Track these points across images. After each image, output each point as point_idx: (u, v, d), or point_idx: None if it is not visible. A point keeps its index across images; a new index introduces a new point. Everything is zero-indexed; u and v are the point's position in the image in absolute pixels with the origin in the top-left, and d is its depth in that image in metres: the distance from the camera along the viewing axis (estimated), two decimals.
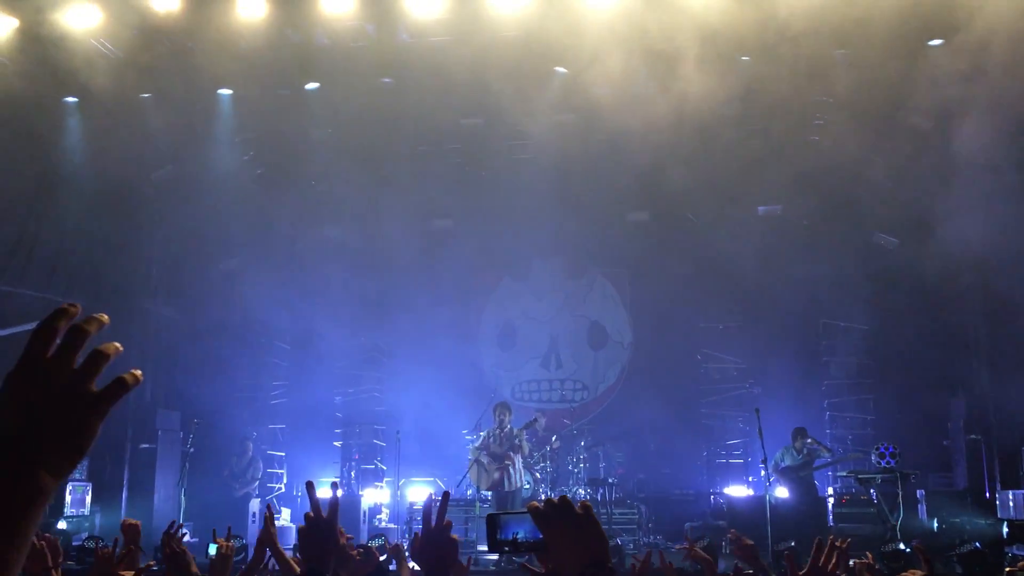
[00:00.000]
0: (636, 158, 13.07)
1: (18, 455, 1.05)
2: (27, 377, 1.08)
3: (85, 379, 1.09)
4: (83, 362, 1.09)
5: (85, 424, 1.08)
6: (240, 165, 14.21)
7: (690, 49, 11.01)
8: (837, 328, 14.84)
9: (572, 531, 1.69)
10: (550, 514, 1.71)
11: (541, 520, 1.72)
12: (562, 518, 1.70)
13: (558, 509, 1.71)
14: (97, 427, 1.09)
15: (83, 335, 1.10)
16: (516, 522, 1.82)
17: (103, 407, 1.09)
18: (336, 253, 15.11)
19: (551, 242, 15.70)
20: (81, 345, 1.09)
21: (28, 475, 1.05)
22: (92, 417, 1.09)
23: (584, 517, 1.70)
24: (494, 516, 1.83)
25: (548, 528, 1.71)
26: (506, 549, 1.81)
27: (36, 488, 1.05)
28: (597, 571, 1.65)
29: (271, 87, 12.58)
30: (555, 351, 16.34)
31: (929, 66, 11.86)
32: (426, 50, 11.85)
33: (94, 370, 1.10)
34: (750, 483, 14.44)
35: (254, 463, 13.82)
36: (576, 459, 13.93)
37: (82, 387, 1.09)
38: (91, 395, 1.09)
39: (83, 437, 1.08)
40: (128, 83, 12.09)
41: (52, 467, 1.06)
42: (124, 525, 4.64)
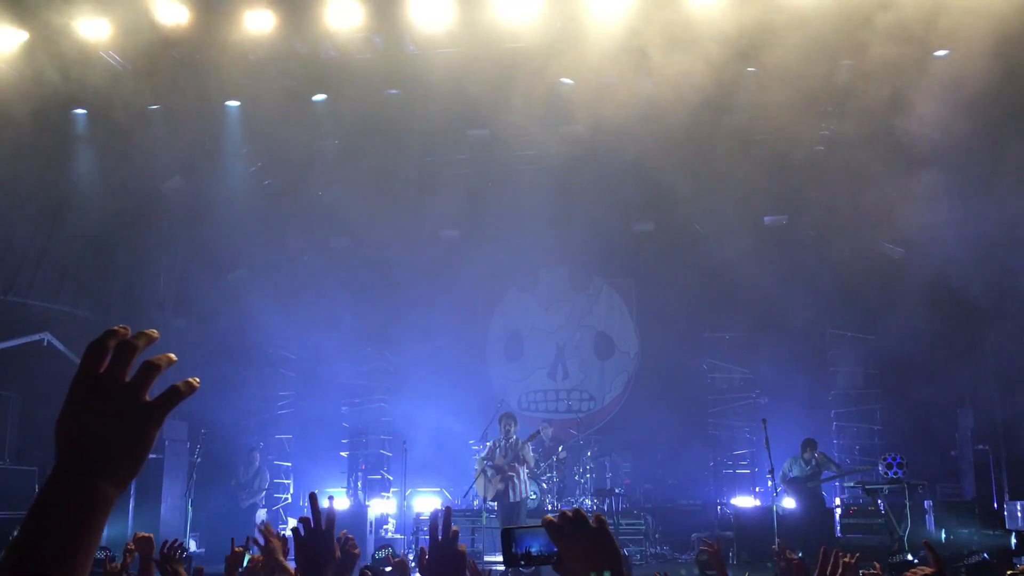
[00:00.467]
0: (641, 168, 13.10)
1: (80, 467, 1.11)
2: (84, 392, 1.14)
3: (138, 390, 1.15)
4: (135, 374, 1.15)
5: (141, 433, 1.14)
6: (248, 176, 14.28)
7: (696, 61, 11.03)
8: (844, 338, 14.82)
9: (586, 544, 1.69)
10: (564, 527, 1.71)
11: (555, 533, 1.72)
12: (576, 531, 1.70)
13: (572, 522, 1.71)
14: (153, 435, 1.15)
15: (132, 350, 1.17)
16: (531, 536, 1.82)
17: (157, 416, 1.16)
18: (343, 264, 15.18)
19: (557, 252, 15.73)
20: (131, 359, 1.16)
21: (91, 485, 1.11)
22: (147, 426, 1.15)
23: (598, 530, 1.71)
24: (509, 531, 1.84)
25: (562, 541, 1.71)
26: (521, 563, 1.81)
27: (100, 497, 1.11)
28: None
29: (279, 99, 12.64)
30: (562, 361, 16.35)
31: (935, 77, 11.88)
32: (433, 62, 11.90)
33: (146, 381, 1.16)
34: (757, 493, 14.41)
35: (261, 473, 13.84)
36: (583, 469, 13.92)
37: (135, 398, 1.15)
38: (145, 405, 1.15)
39: (140, 446, 1.14)
40: (137, 95, 12.17)
41: (112, 475, 1.12)
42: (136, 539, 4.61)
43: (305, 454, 15.75)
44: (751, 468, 14.95)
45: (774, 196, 13.65)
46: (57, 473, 1.12)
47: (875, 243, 13.94)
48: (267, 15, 11.29)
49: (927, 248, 13.53)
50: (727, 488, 14.86)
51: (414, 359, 15.53)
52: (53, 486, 1.11)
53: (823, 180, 13.52)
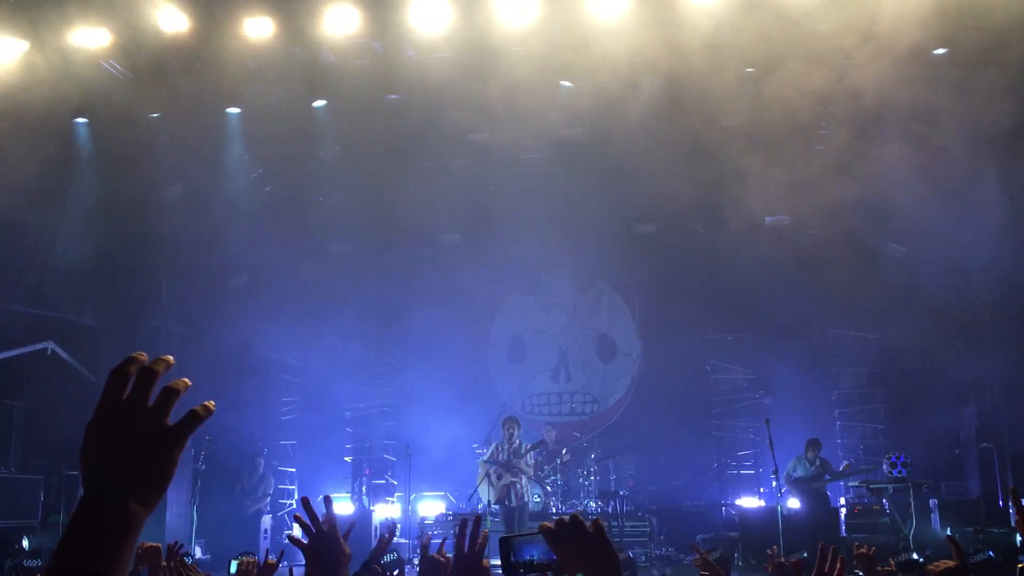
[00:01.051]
0: (641, 170, 13.11)
1: (110, 489, 1.16)
2: (108, 419, 1.19)
3: (160, 415, 1.20)
4: (156, 399, 1.21)
5: (165, 456, 1.20)
6: (249, 183, 14.30)
7: (695, 61, 11.05)
8: (847, 338, 14.82)
9: (584, 550, 1.70)
10: (561, 534, 1.72)
11: (553, 540, 1.72)
12: (574, 537, 1.71)
13: (569, 528, 1.72)
14: (176, 457, 1.21)
15: (153, 375, 1.22)
16: (529, 543, 1.82)
17: (180, 439, 1.21)
18: (345, 269, 15.19)
19: (559, 255, 15.74)
20: (152, 385, 1.21)
21: (121, 507, 1.16)
22: (170, 449, 1.21)
23: (595, 536, 1.71)
24: (507, 539, 1.83)
25: (560, 548, 1.72)
26: (521, 571, 1.81)
27: (131, 520, 1.17)
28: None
29: (279, 105, 12.67)
30: (564, 364, 16.35)
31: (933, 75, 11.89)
32: (432, 66, 11.92)
33: (167, 406, 1.21)
34: (761, 494, 14.38)
35: (265, 479, 13.85)
36: (587, 472, 13.92)
37: (158, 422, 1.20)
38: (167, 429, 1.21)
39: (165, 467, 1.20)
40: (138, 103, 12.21)
41: (141, 497, 1.18)
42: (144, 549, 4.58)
43: (309, 460, 15.75)
44: (755, 469, 14.94)
45: (775, 196, 13.63)
46: (88, 499, 1.16)
47: (878, 242, 13.94)
48: (266, 22, 11.33)
49: (930, 247, 13.54)
50: (731, 489, 14.85)
51: (417, 364, 15.53)
52: (84, 512, 1.15)
53: (824, 179, 13.51)
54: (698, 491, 14.90)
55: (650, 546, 12.83)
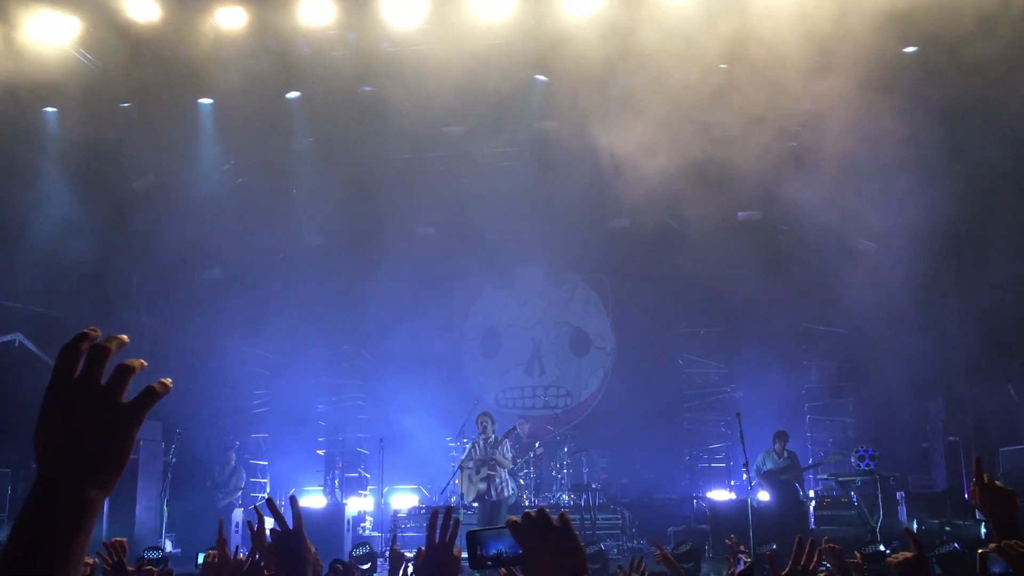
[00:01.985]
0: (616, 164, 13.15)
1: (65, 473, 1.11)
2: (60, 398, 1.14)
3: (114, 393, 1.15)
4: (110, 377, 1.16)
5: (122, 436, 1.15)
6: (221, 174, 14.20)
7: (669, 56, 11.09)
8: (817, 332, 14.96)
9: (550, 544, 1.71)
10: (527, 528, 1.73)
11: (519, 534, 1.73)
12: (540, 531, 1.72)
13: (535, 522, 1.73)
14: (133, 437, 1.16)
15: (106, 352, 1.17)
16: (496, 537, 1.83)
17: (136, 417, 1.16)
18: (318, 261, 15.11)
19: (533, 249, 15.75)
20: (105, 362, 1.16)
21: (78, 491, 1.11)
22: (127, 429, 1.15)
23: (561, 529, 1.72)
24: (474, 533, 1.85)
25: (526, 542, 1.72)
26: (488, 564, 1.82)
27: (86, 502, 1.11)
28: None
29: (252, 96, 12.58)
30: (538, 358, 16.38)
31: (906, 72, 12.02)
32: (407, 59, 11.89)
33: (121, 384, 1.16)
34: (732, 487, 14.51)
35: (237, 472, 13.78)
36: (560, 465, 13.96)
37: (113, 401, 1.15)
38: (123, 407, 1.16)
39: (122, 448, 1.15)
40: (108, 93, 12.07)
41: (98, 480, 1.13)
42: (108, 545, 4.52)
43: (281, 453, 15.67)
44: (726, 462, 15.06)
45: (747, 191, 13.73)
46: (41, 482, 1.11)
47: (847, 237, 14.07)
48: (239, 11, 11.25)
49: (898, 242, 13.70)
50: (703, 482, 14.96)
51: (390, 356, 15.49)
52: (39, 495, 1.10)
53: (796, 175, 13.62)
54: (670, 484, 15.00)
55: (622, 539, 12.90)
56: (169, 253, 14.40)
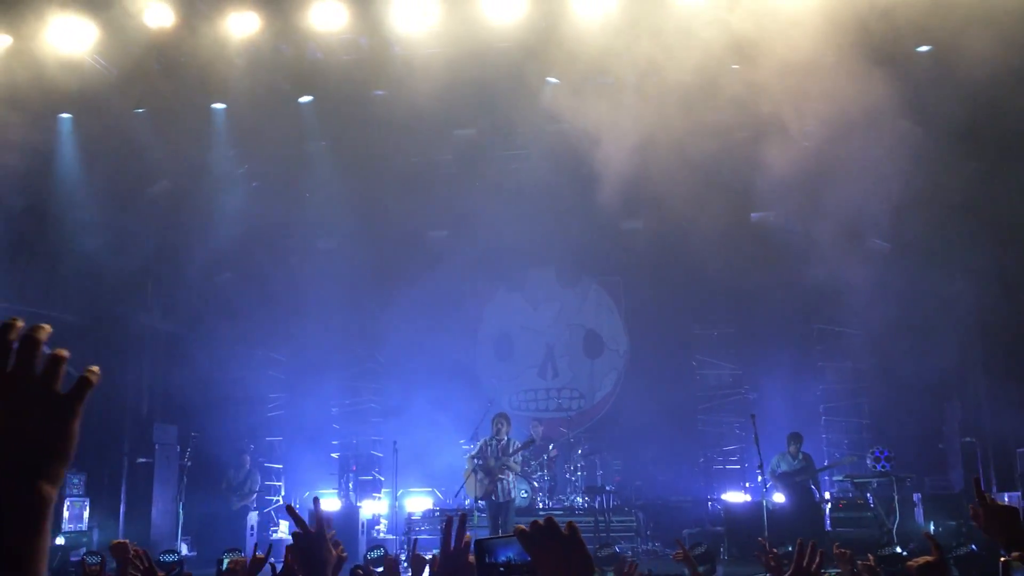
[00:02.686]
0: (628, 166, 13.13)
1: (10, 467, 1.08)
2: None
3: (49, 383, 1.11)
4: (43, 368, 1.12)
5: (63, 427, 1.11)
6: (235, 179, 14.25)
7: (681, 57, 11.08)
8: (832, 333, 14.90)
9: (558, 552, 1.70)
10: (536, 536, 1.72)
11: (527, 542, 1.73)
12: (548, 540, 1.72)
13: (544, 531, 1.72)
14: (74, 427, 1.12)
15: (36, 343, 1.12)
16: (505, 545, 1.83)
17: (75, 407, 1.12)
18: (332, 266, 15.15)
19: (546, 251, 15.76)
20: (36, 353, 1.12)
21: (27, 485, 1.08)
22: (67, 418, 1.11)
23: (569, 538, 1.72)
24: (482, 541, 1.85)
25: (534, 550, 1.72)
26: (500, 572, 1.82)
27: (39, 498, 1.09)
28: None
29: (265, 101, 12.63)
30: (551, 360, 16.38)
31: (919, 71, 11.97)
32: (419, 62, 11.90)
33: (56, 374, 1.12)
34: (747, 489, 14.45)
35: (252, 476, 13.83)
36: (573, 467, 13.95)
37: (48, 392, 1.11)
38: (60, 397, 1.12)
39: (65, 440, 1.11)
40: (123, 99, 12.14)
41: (49, 475, 1.10)
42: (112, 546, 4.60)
43: (296, 456, 15.72)
44: (741, 464, 15.01)
45: (761, 192, 13.69)
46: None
47: (862, 238, 14.01)
48: (252, 17, 11.29)
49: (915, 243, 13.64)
50: (717, 484, 14.90)
51: (404, 360, 15.53)
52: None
53: (810, 175, 13.57)
54: (684, 486, 14.95)
55: (637, 541, 12.88)
56: (183, 257, 14.48)
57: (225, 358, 14.73)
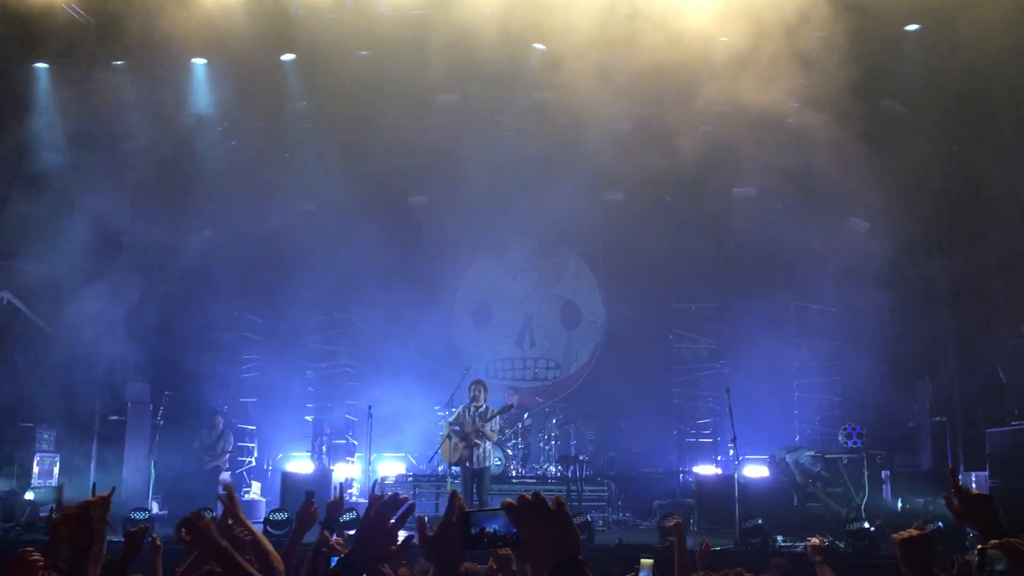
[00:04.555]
0: (611, 137, 13.07)
1: None
2: None
3: None
4: None
5: None
6: (214, 136, 14.05)
7: (668, 29, 11.00)
8: (808, 310, 14.99)
9: (545, 527, 1.72)
10: (524, 510, 1.74)
11: (515, 516, 1.74)
12: (536, 514, 1.73)
13: (532, 506, 1.74)
14: None
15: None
16: (490, 518, 1.84)
17: None
18: (310, 227, 15.02)
19: (526, 221, 15.69)
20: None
21: None
22: None
23: (557, 513, 1.73)
24: (467, 513, 1.86)
25: (522, 524, 1.74)
26: (484, 543, 1.83)
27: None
28: (569, 564, 1.68)
29: (246, 58, 12.42)
30: (529, 329, 16.38)
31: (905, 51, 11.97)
32: (404, 23, 11.76)
33: None
34: (719, 462, 14.59)
35: (225, 436, 13.77)
36: (547, 437, 14.01)
37: None
38: None
39: None
40: (100, 50, 11.91)
41: None
42: None
43: (269, 418, 15.67)
44: (713, 437, 15.13)
45: (743, 168, 13.68)
46: None
47: (841, 216, 14.07)
48: None
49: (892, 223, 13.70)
50: (689, 456, 15.02)
51: (381, 325, 15.47)
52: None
53: (792, 153, 13.57)
54: (657, 458, 15.08)
55: (608, 511, 12.98)
56: (160, 214, 14.29)
57: (201, 318, 14.62)
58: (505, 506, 1.77)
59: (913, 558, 3.04)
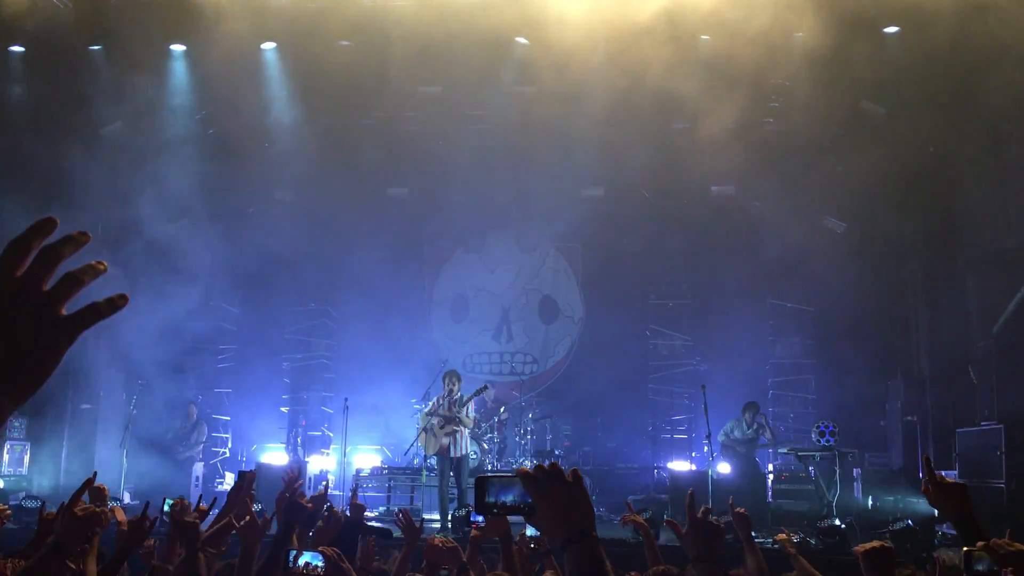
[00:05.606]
0: (592, 133, 13.09)
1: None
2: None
3: (55, 302, 1.03)
4: (55, 285, 1.03)
5: (51, 348, 1.03)
6: (192, 124, 13.93)
7: (651, 27, 11.01)
8: (784, 308, 15.09)
9: (561, 498, 1.69)
10: (540, 480, 1.70)
11: (531, 485, 1.71)
12: (552, 485, 1.70)
13: (548, 475, 1.70)
14: (62, 352, 1.03)
15: (56, 257, 1.04)
16: (504, 486, 1.81)
17: (72, 332, 1.03)
18: (288, 217, 14.93)
19: (505, 215, 15.70)
20: (53, 267, 1.03)
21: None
22: (59, 342, 1.03)
23: (574, 485, 1.70)
24: (483, 479, 1.83)
25: (537, 494, 1.70)
26: (494, 511, 1.80)
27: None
28: (583, 539, 1.66)
29: (226, 44, 12.30)
30: (507, 324, 16.38)
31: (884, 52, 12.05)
32: (386, 14, 11.69)
33: (65, 294, 1.03)
34: (693, 458, 14.67)
35: (198, 427, 13.68)
36: (523, 431, 14.02)
37: (51, 310, 1.02)
38: (61, 319, 1.03)
39: (47, 362, 1.03)
40: (78, 35, 11.77)
41: (12, 391, 1.01)
42: None
43: (244, 409, 15.58)
44: (689, 433, 15.20)
45: (722, 166, 13.75)
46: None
47: (818, 216, 14.17)
48: None
49: (867, 224, 13.83)
50: (664, 452, 15.09)
51: (357, 317, 15.40)
52: None
53: (771, 152, 13.66)
54: (632, 453, 15.14)
55: None
56: (136, 201, 14.14)
57: (177, 307, 14.48)
58: (520, 474, 1.73)
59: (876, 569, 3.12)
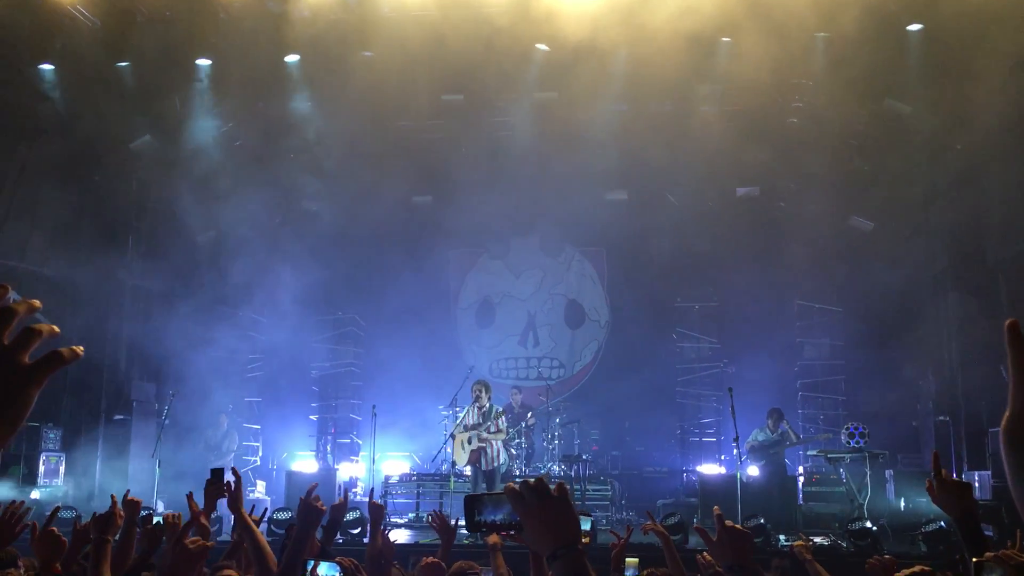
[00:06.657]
0: (615, 137, 13.10)
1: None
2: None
3: (16, 353, 1.11)
4: (15, 337, 1.12)
5: (19, 396, 1.11)
6: (219, 137, 14.09)
7: (672, 29, 11.01)
8: (812, 309, 14.99)
9: (547, 513, 1.71)
10: (525, 496, 1.73)
11: (516, 502, 1.74)
12: (537, 500, 1.72)
13: (533, 491, 1.73)
14: (31, 398, 1.12)
15: (11, 315, 1.12)
16: (493, 503, 1.84)
17: (35, 379, 1.12)
18: (315, 227, 15.06)
19: (530, 220, 15.72)
20: (9, 324, 1.11)
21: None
22: (23, 389, 1.11)
23: (559, 499, 1.73)
24: (472, 497, 1.86)
25: (523, 509, 1.73)
26: (483, 530, 1.83)
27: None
28: (568, 552, 1.69)
29: (251, 58, 12.45)
30: (533, 329, 16.40)
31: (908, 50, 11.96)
32: (408, 24, 11.77)
33: (26, 343, 1.12)
34: (722, 461, 14.59)
35: (229, 436, 13.83)
36: (551, 436, 14.02)
37: (14, 360, 1.11)
38: (22, 367, 1.11)
39: (18, 408, 1.11)
40: (106, 51, 11.96)
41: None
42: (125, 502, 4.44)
43: (274, 417, 15.72)
44: (717, 436, 15.14)
45: (747, 167, 13.71)
46: None
47: (844, 216, 14.07)
48: None
49: (894, 221, 13.71)
50: (693, 456, 15.05)
51: (385, 324, 15.51)
52: None
53: (796, 152, 13.60)
54: (660, 457, 15.10)
55: (611, 510, 12.99)
56: (165, 214, 14.36)
57: (206, 317, 14.64)
58: (507, 491, 1.76)
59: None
